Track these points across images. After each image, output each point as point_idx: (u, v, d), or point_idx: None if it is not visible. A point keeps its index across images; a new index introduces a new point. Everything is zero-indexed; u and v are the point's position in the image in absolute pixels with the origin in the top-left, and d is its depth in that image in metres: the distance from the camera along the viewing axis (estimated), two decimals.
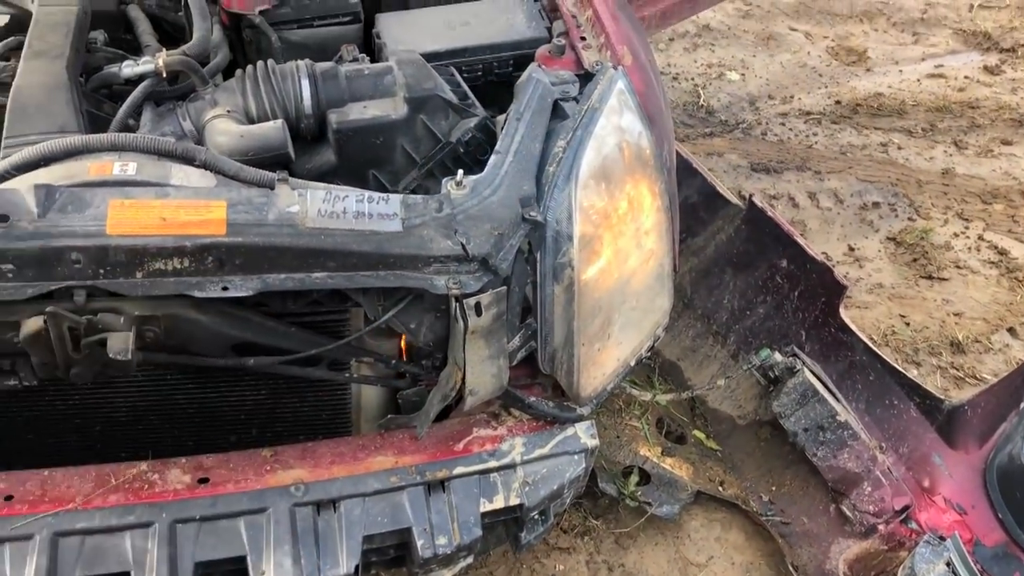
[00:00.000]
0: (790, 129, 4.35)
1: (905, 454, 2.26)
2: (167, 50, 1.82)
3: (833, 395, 2.30)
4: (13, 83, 1.68)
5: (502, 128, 1.73)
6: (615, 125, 1.77)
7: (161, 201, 1.42)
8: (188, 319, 1.48)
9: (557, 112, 1.78)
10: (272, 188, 1.51)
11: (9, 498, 1.49)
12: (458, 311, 1.52)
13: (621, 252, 1.74)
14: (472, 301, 1.51)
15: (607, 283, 1.71)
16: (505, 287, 1.56)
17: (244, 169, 1.56)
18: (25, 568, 1.41)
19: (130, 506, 1.50)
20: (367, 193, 1.52)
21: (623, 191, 1.75)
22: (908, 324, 3.20)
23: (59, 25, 1.79)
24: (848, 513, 2.25)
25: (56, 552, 1.44)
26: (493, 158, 1.64)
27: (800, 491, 2.36)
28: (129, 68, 1.78)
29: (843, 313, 2.33)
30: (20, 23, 1.86)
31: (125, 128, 1.74)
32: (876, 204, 3.82)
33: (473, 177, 1.60)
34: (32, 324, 1.39)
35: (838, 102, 4.57)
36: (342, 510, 1.56)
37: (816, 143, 4.25)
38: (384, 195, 1.53)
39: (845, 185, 3.90)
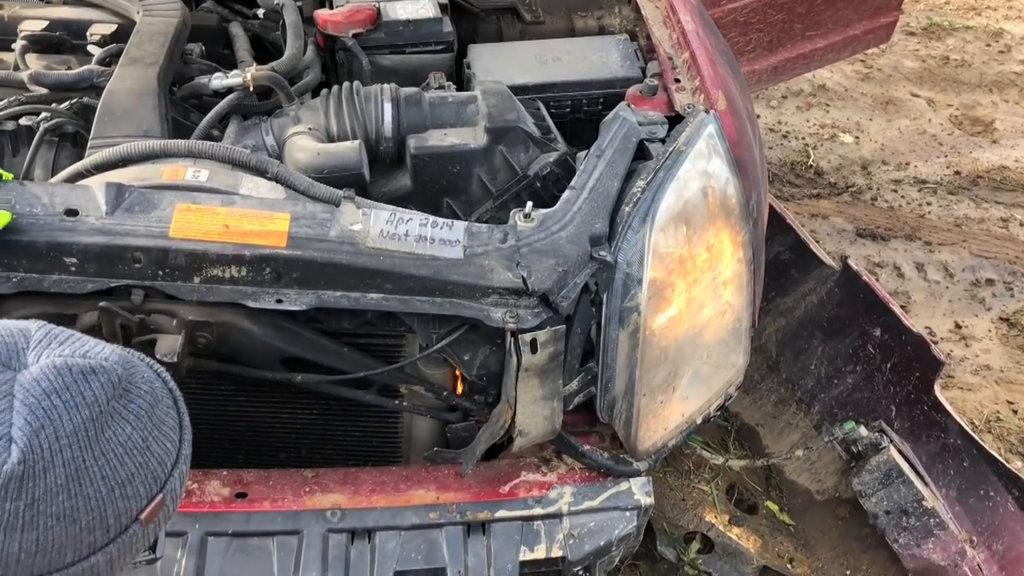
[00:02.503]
0: (902, 196, 4.15)
1: (999, 552, 2.06)
2: (259, 66, 1.85)
3: (921, 478, 2.12)
4: (106, 87, 1.72)
5: (581, 165, 1.68)
6: (700, 170, 1.69)
7: (226, 209, 1.42)
8: (240, 328, 1.47)
9: (642, 153, 1.72)
10: (338, 205, 1.50)
11: None
12: (512, 346, 1.46)
13: (695, 302, 1.65)
14: (528, 337, 1.45)
15: (676, 333, 1.63)
16: (564, 326, 1.50)
17: (314, 185, 1.55)
18: None
19: None
20: (431, 218, 1.49)
21: (703, 238, 1.67)
22: (1015, 411, 2.97)
23: (157, 35, 1.84)
24: None
25: None
26: (567, 193, 1.59)
27: None
28: (218, 80, 1.81)
29: (939, 391, 2.16)
30: (125, 32, 1.92)
31: (208, 138, 1.76)
32: (990, 281, 3.59)
33: (543, 211, 1.55)
34: (87, 319, 1.41)
35: (957, 172, 4.35)
36: (376, 541, 1.52)
37: (929, 213, 4.04)
38: (449, 221, 1.49)
39: (957, 259, 3.69)
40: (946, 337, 3.27)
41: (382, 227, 1.45)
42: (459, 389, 1.66)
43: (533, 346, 1.46)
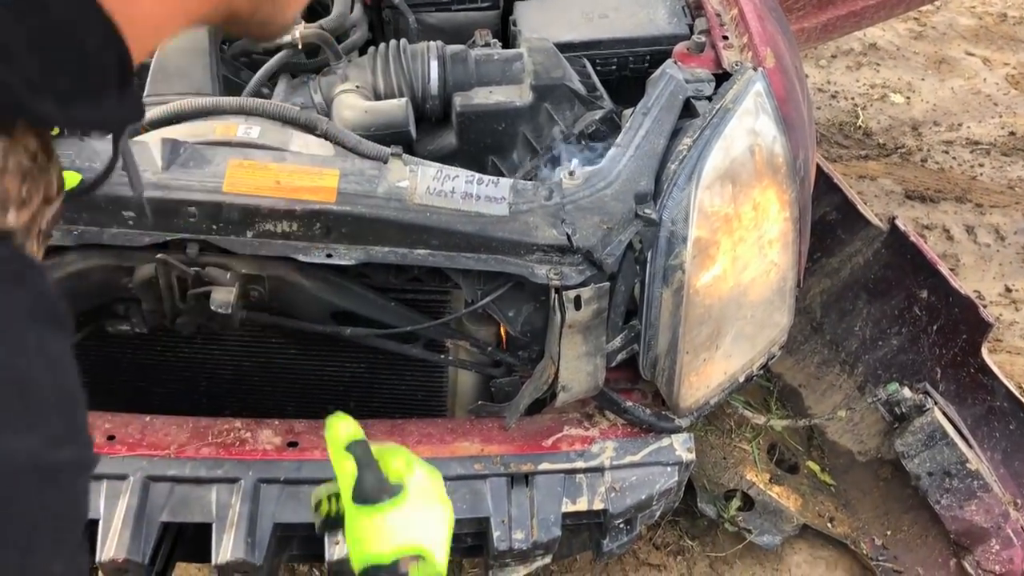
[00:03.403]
0: (953, 158, 4.07)
1: None
2: (307, 24, 1.87)
3: (965, 440, 2.12)
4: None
5: (627, 122, 1.68)
6: (748, 127, 1.68)
7: (278, 165, 1.45)
8: (291, 282, 1.50)
9: (689, 110, 1.71)
10: (385, 162, 1.52)
11: (111, 438, 1.55)
12: (556, 303, 1.47)
13: (739, 260, 1.65)
14: (572, 294, 1.46)
15: (720, 291, 1.63)
16: (608, 283, 1.51)
17: (362, 142, 1.57)
18: (117, 505, 1.47)
19: (220, 460, 1.53)
20: (477, 175, 1.50)
21: (748, 197, 1.66)
22: None
23: None
24: (970, 570, 2.06)
25: (147, 495, 1.49)
26: (612, 151, 1.59)
27: (918, 539, 2.19)
28: None
29: (986, 354, 2.14)
30: None
31: (258, 95, 1.79)
32: None
33: (588, 168, 1.55)
34: (144, 270, 1.45)
35: (1012, 133, 4.25)
36: None
37: (981, 175, 3.96)
38: (494, 178, 1.51)
39: (1009, 221, 3.62)
40: (995, 301, 3.23)
41: (429, 184, 1.47)
42: (503, 344, 1.69)
43: (577, 303, 1.47)
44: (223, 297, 1.43)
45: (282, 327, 1.59)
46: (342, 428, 1.06)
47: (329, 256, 1.44)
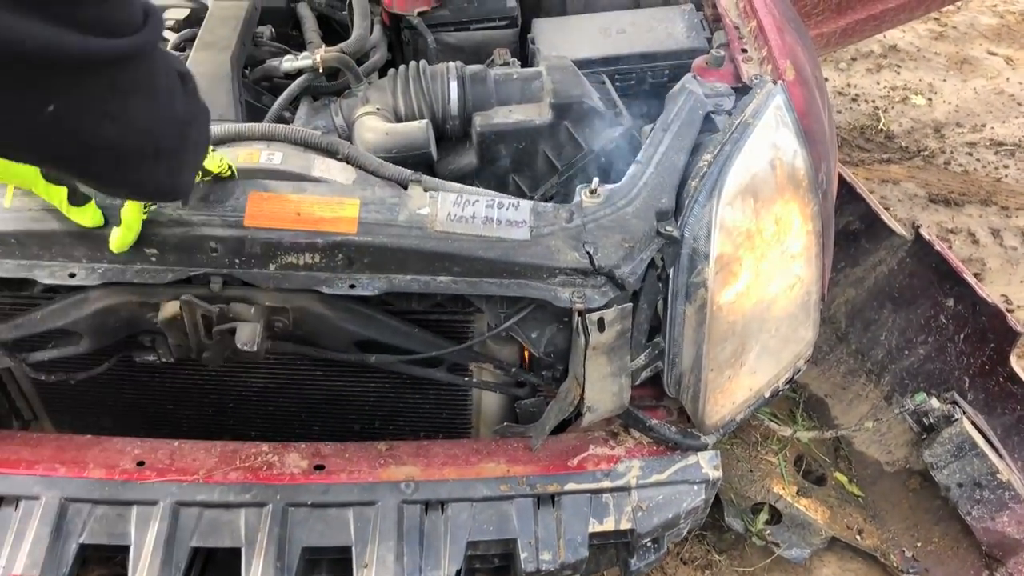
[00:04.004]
0: (977, 160, 4.03)
1: None
2: (327, 47, 1.88)
3: (995, 450, 2.09)
4: None
5: (647, 138, 1.68)
6: (768, 142, 1.67)
7: (298, 196, 1.46)
8: (315, 313, 1.51)
9: (708, 125, 1.71)
10: (406, 187, 1.53)
11: (141, 464, 1.57)
12: (580, 325, 1.48)
13: (763, 276, 1.64)
14: (595, 316, 1.46)
15: (744, 307, 1.62)
16: (631, 304, 1.51)
17: (384, 165, 1.58)
18: (147, 532, 1.48)
19: (248, 484, 1.54)
20: (498, 198, 1.51)
21: (770, 212, 1.65)
22: None
23: (229, 19, 1.88)
24: None
25: (176, 520, 1.50)
26: (632, 168, 1.59)
27: (949, 551, 2.17)
28: (288, 63, 1.85)
29: (1015, 362, 2.12)
30: (198, 16, 1.96)
31: (280, 120, 1.80)
32: None
33: (609, 186, 1.56)
34: (169, 308, 1.46)
35: None
36: (449, 512, 1.55)
37: (1006, 176, 3.92)
38: (515, 201, 1.51)
39: None
40: (1023, 306, 3.19)
41: (449, 210, 1.47)
42: (527, 364, 1.69)
43: (600, 325, 1.47)
44: (248, 335, 1.44)
45: (307, 356, 1.60)
46: None
47: (352, 287, 1.44)
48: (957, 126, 4.30)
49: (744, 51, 1.93)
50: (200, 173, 1.39)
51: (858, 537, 2.25)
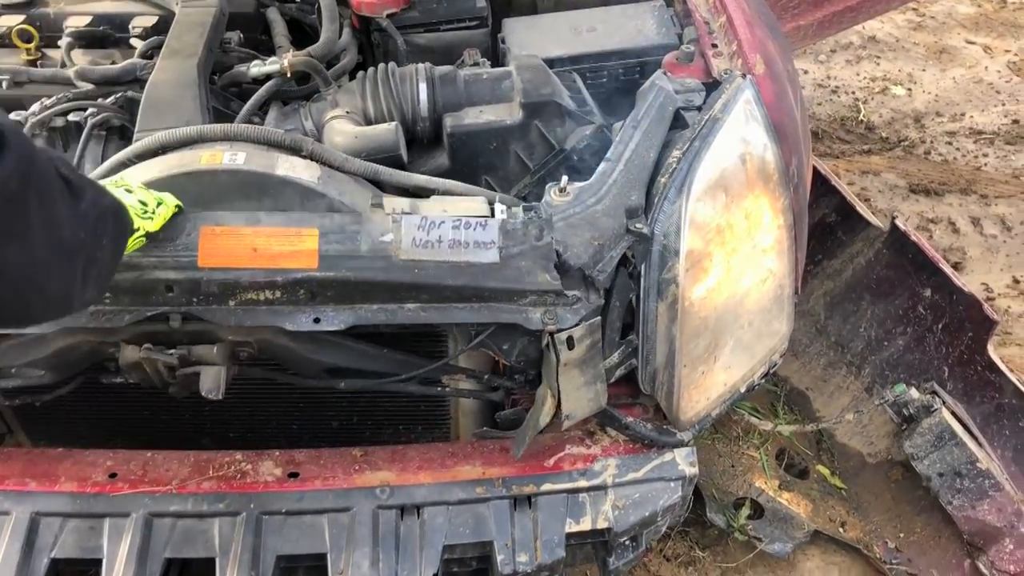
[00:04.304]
0: (957, 149, 4.04)
1: None
2: (296, 51, 1.87)
3: (975, 439, 2.09)
4: (148, 80, 1.76)
5: (617, 136, 1.67)
6: (738, 137, 1.67)
7: (252, 229, 1.42)
8: (280, 344, 1.50)
9: (679, 121, 1.70)
10: (375, 180, 1.51)
11: (113, 476, 1.56)
12: (551, 344, 1.47)
13: (734, 271, 1.64)
14: (564, 335, 1.45)
15: (716, 303, 1.62)
16: (600, 318, 1.50)
17: (349, 160, 1.57)
18: (120, 544, 1.47)
19: (222, 494, 1.53)
20: (464, 218, 1.48)
21: (741, 206, 1.65)
22: None
23: (196, 25, 1.86)
24: (985, 571, 2.04)
25: (150, 532, 1.49)
26: (603, 166, 1.59)
27: (931, 541, 2.17)
28: (256, 68, 1.84)
29: (992, 351, 2.12)
30: (166, 24, 1.95)
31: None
32: None
33: (578, 184, 1.55)
34: (129, 354, 1.45)
35: (1016, 121, 4.22)
36: (425, 517, 1.55)
37: (985, 165, 3.93)
38: (483, 219, 1.48)
39: (1015, 211, 3.59)
40: (1004, 293, 3.20)
41: (414, 235, 1.43)
42: (500, 367, 1.68)
43: (570, 343, 1.45)
44: (212, 382, 1.43)
45: (274, 379, 1.59)
46: None
47: (317, 321, 1.41)
48: (937, 116, 4.31)
49: (714, 46, 1.93)
50: (141, 210, 1.33)
51: (841, 529, 2.25)
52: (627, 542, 1.66)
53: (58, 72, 1.86)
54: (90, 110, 1.75)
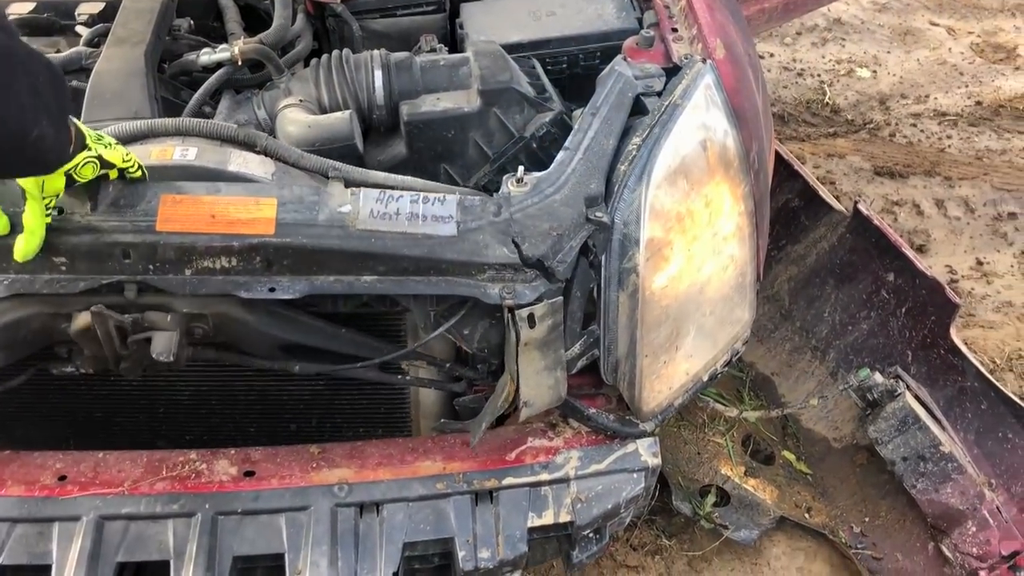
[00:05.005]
0: (921, 131, 4.06)
1: (1018, 494, 2.04)
2: (247, 38, 1.82)
3: (938, 423, 2.10)
4: (94, 69, 1.70)
5: (576, 123, 1.65)
6: (698, 123, 1.65)
7: (212, 198, 1.40)
8: (235, 318, 1.46)
9: (639, 108, 1.68)
10: (327, 176, 1.48)
11: (63, 478, 1.51)
12: (511, 322, 1.44)
13: (695, 258, 1.63)
14: (525, 312, 1.43)
15: (677, 291, 1.60)
16: (561, 298, 1.48)
17: (304, 156, 1.54)
18: (70, 549, 1.43)
19: (175, 494, 1.49)
20: (423, 193, 1.47)
21: (701, 193, 1.63)
22: None
23: (143, 12, 1.81)
24: (948, 554, 2.05)
25: (101, 535, 1.45)
26: (561, 154, 1.56)
27: (896, 525, 2.18)
28: (206, 56, 1.79)
29: (955, 334, 2.12)
30: (113, 11, 1.89)
31: (200, 115, 1.74)
32: (1012, 215, 3.52)
33: (536, 174, 1.52)
34: (82, 319, 1.40)
35: (979, 103, 4.25)
36: (384, 514, 1.52)
37: (949, 146, 3.95)
38: (441, 196, 1.47)
39: (978, 193, 3.61)
40: (967, 275, 3.22)
41: (372, 207, 1.43)
42: (463, 357, 1.66)
43: (531, 321, 1.43)
44: (164, 345, 1.39)
45: (229, 361, 1.55)
46: None
47: (272, 290, 1.39)
48: (902, 97, 4.32)
49: (675, 30, 1.91)
50: (103, 167, 1.32)
51: (807, 515, 2.25)
52: (591, 534, 1.64)
53: None
54: None
